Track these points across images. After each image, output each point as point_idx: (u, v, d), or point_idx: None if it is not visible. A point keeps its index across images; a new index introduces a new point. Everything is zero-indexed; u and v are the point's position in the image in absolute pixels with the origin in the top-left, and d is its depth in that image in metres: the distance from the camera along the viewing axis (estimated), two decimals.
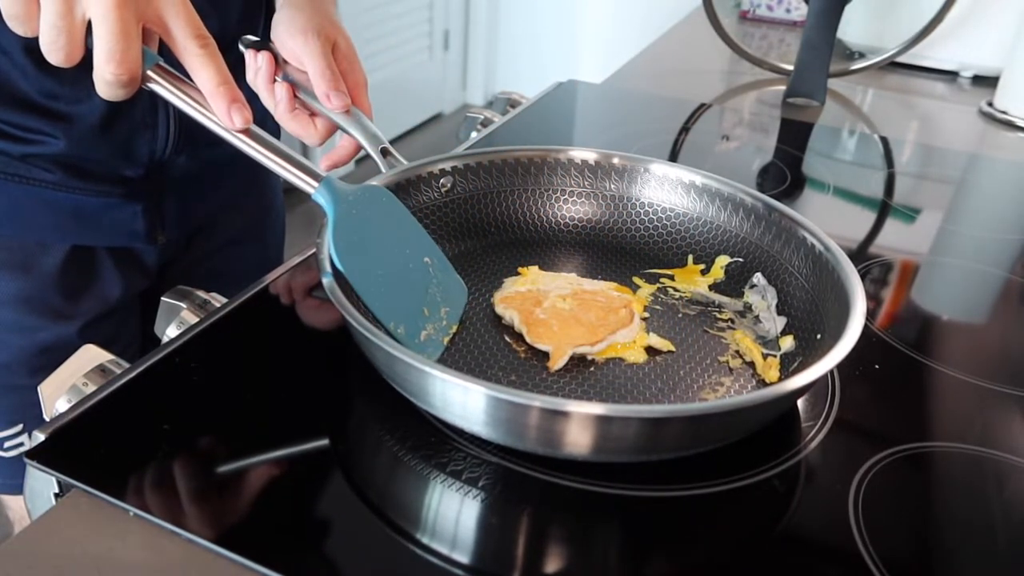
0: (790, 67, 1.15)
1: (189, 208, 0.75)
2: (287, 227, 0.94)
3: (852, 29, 1.29)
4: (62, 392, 0.48)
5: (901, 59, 1.23)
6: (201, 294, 0.57)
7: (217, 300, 0.57)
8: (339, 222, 0.49)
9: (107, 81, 0.44)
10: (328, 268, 0.47)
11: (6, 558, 0.38)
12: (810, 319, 0.53)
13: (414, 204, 0.60)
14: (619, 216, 0.65)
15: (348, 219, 0.50)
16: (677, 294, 0.59)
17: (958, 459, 0.47)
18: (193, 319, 0.55)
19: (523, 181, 0.65)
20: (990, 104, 1.14)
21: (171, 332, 0.55)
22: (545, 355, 0.51)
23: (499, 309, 0.55)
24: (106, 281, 0.71)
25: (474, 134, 0.91)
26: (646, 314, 0.57)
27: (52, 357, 0.50)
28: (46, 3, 0.42)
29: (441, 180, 0.62)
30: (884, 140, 1.02)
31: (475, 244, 0.63)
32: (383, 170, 0.59)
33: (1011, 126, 1.09)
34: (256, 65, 0.62)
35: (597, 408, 0.39)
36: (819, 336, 0.51)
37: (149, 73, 0.46)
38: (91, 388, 0.48)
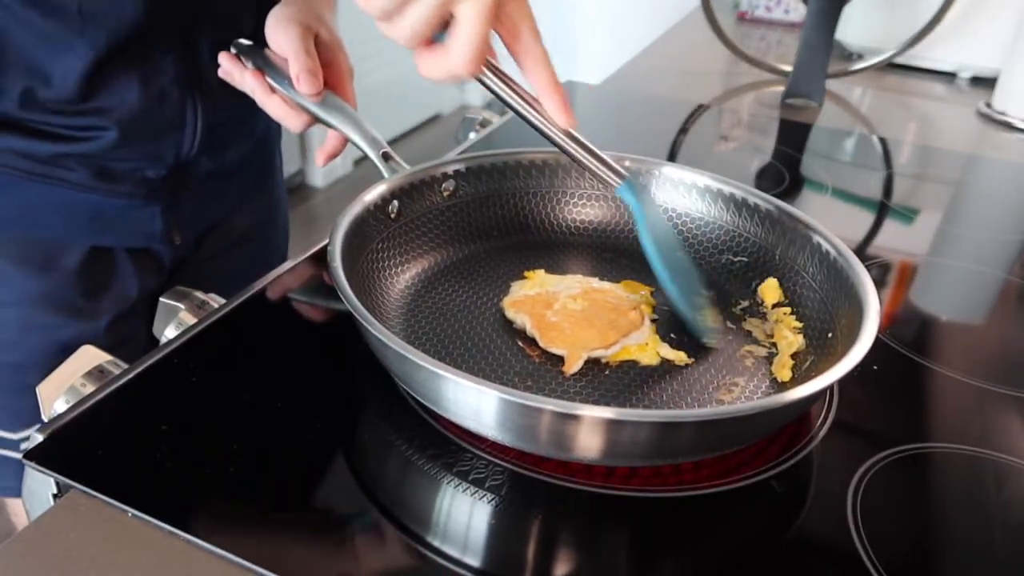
0: (788, 68, 1.15)
1: (204, 208, 0.75)
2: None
3: (850, 30, 1.29)
4: (60, 393, 0.48)
5: (899, 60, 1.23)
6: (199, 295, 0.57)
7: (215, 301, 0.57)
8: (646, 214, 0.54)
9: (454, 75, 0.46)
10: (341, 272, 0.47)
11: (4, 559, 0.38)
12: (820, 318, 0.53)
13: (419, 208, 0.60)
14: (628, 219, 0.65)
15: (651, 211, 0.55)
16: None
17: (956, 460, 0.47)
18: (191, 320, 0.55)
19: (524, 184, 0.65)
20: (988, 105, 1.14)
21: (169, 333, 0.55)
22: (559, 358, 0.51)
23: (510, 314, 0.55)
24: (124, 280, 0.71)
25: (472, 135, 0.91)
26: (655, 316, 0.57)
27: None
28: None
29: (444, 184, 0.61)
30: (882, 141, 1.02)
31: (479, 248, 0.63)
32: (385, 175, 0.58)
33: (1009, 127, 1.10)
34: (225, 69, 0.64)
35: (609, 412, 0.39)
36: (830, 335, 0.51)
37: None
38: (89, 389, 0.48)
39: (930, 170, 0.95)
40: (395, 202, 0.58)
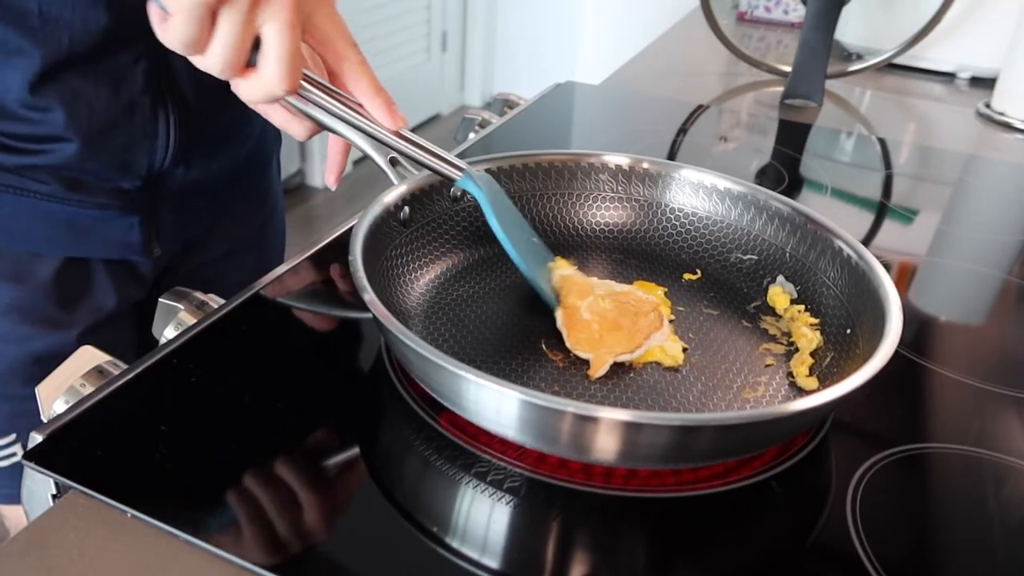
0: (788, 68, 1.15)
1: (186, 220, 0.74)
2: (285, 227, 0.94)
3: (850, 30, 1.29)
4: (60, 393, 0.48)
5: (899, 60, 1.23)
6: (199, 295, 0.57)
7: (215, 301, 0.57)
8: (492, 202, 0.55)
9: (274, 96, 0.46)
10: (364, 277, 0.47)
11: (3, 560, 0.38)
12: (836, 314, 0.54)
13: (430, 213, 0.60)
14: (647, 221, 0.65)
15: (496, 199, 0.56)
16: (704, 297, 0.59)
17: (955, 460, 0.47)
18: (191, 320, 0.55)
19: (530, 187, 0.64)
20: (987, 105, 1.15)
21: (169, 333, 0.55)
22: (584, 361, 0.51)
23: (554, 283, 0.55)
24: (100, 291, 0.70)
25: (472, 135, 0.91)
26: (672, 316, 0.57)
27: (46, 366, 0.50)
28: (226, 26, 0.43)
29: (452, 188, 0.61)
30: (882, 141, 1.02)
31: (492, 251, 0.62)
32: (394, 181, 0.58)
33: (1008, 127, 1.10)
34: None
35: (628, 415, 0.39)
36: (848, 331, 0.51)
37: (301, 82, 0.48)
38: (89, 389, 0.48)
39: (929, 170, 0.95)
40: (406, 208, 0.58)
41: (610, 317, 0.53)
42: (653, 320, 0.54)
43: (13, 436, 0.70)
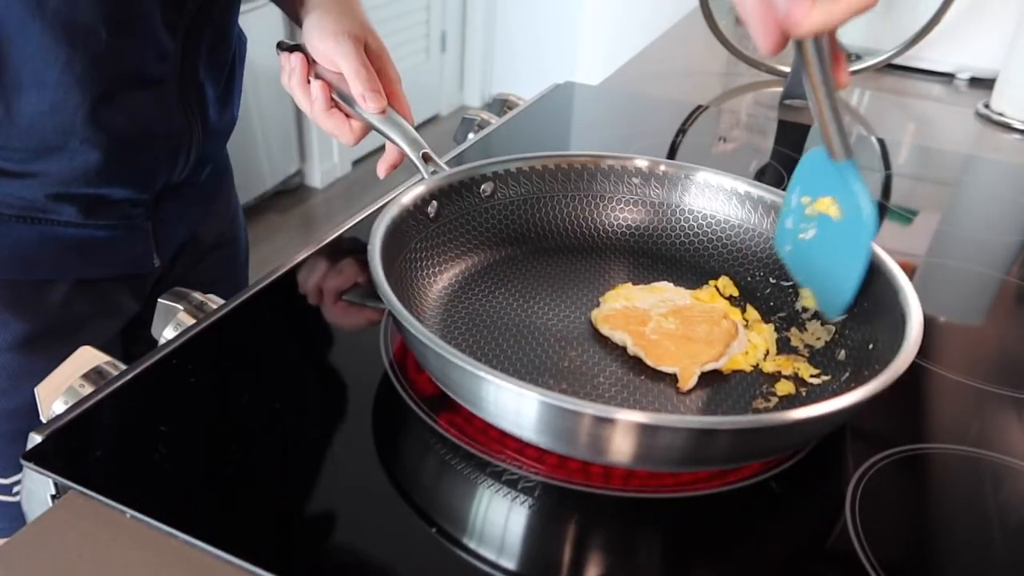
0: (787, 69, 1.15)
1: (179, 226, 0.74)
2: (283, 229, 0.94)
3: (849, 31, 1.29)
4: (59, 394, 0.48)
5: (898, 61, 1.23)
6: (197, 295, 0.57)
7: (214, 302, 0.57)
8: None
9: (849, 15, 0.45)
10: (381, 271, 0.47)
11: (3, 560, 0.38)
12: (859, 329, 0.52)
13: (457, 209, 0.60)
14: (665, 223, 0.65)
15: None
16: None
17: (955, 461, 0.47)
18: (190, 320, 0.55)
19: (561, 187, 0.64)
20: (987, 106, 1.15)
21: (168, 334, 0.55)
22: (596, 362, 0.51)
23: (605, 330, 0.54)
24: (108, 310, 0.70)
25: (471, 136, 0.91)
26: (746, 321, 0.56)
27: None
28: None
29: (482, 186, 0.61)
30: (881, 142, 1.02)
31: (516, 251, 0.63)
32: (425, 176, 0.58)
33: (1007, 128, 1.10)
34: (289, 66, 0.62)
35: (643, 417, 0.39)
36: (871, 346, 0.50)
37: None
38: (88, 390, 0.48)
39: (928, 171, 0.95)
40: (434, 203, 0.58)
41: (678, 333, 0.53)
42: (727, 328, 0.53)
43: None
